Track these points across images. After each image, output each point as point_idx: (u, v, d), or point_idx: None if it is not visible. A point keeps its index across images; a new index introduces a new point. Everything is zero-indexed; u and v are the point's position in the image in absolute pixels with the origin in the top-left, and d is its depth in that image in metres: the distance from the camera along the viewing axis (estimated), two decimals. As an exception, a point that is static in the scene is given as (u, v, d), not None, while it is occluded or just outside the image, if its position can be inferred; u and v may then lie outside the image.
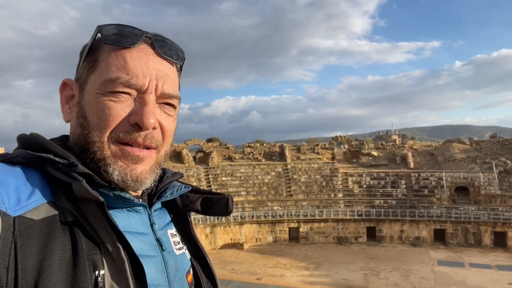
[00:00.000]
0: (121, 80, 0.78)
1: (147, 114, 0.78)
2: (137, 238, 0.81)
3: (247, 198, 36.99)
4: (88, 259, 0.69)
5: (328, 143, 44.79)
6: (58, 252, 0.66)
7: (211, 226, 32.68)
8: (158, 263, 0.84)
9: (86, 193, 0.70)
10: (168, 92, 0.83)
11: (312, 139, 66.36)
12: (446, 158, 39.91)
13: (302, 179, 39.03)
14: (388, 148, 44.06)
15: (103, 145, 0.78)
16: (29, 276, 0.62)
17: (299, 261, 28.66)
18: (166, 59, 0.85)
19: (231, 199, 1.03)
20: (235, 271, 26.36)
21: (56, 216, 0.69)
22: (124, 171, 0.79)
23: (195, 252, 1.02)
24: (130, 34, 0.81)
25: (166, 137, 0.86)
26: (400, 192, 37.24)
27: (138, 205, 0.84)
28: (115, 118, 0.78)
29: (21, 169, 0.72)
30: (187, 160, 38.52)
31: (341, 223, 34.73)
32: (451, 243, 32.66)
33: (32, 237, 0.64)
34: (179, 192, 0.97)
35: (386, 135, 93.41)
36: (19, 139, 0.81)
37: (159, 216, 0.94)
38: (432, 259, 28.66)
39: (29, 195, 0.68)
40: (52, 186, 0.73)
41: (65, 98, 0.86)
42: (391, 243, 33.56)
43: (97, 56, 0.81)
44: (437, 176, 37.39)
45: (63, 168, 0.73)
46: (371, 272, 25.82)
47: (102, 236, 0.73)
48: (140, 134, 0.79)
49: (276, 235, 34.59)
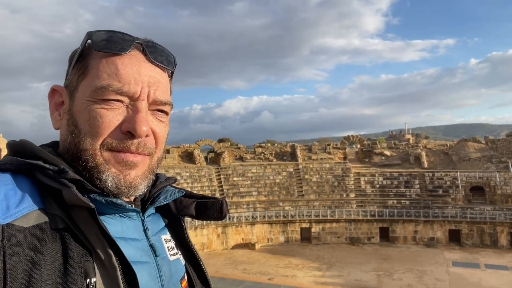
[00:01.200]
0: (113, 87, 0.77)
1: (139, 122, 0.78)
2: (130, 244, 0.80)
3: (259, 198, 36.99)
4: (80, 266, 0.68)
5: (340, 143, 44.45)
6: (48, 259, 0.64)
7: (223, 226, 32.80)
8: (152, 269, 0.83)
9: (76, 199, 0.70)
10: (160, 99, 0.83)
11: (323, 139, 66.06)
12: (461, 158, 39.24)
13: (314, 179, 38.85)
14: (401, 148, 43.51)
15: (95, 153, 0.77)
16: (18, 285, 0.61)
17: (311, 262, 28.53)
18: (158, 65, 0.85)
19: (225, 203, 1.02)
20: (247, 271, 26.39)
21: (46, 223, 0.69)
22: (117, 177, 0.78)
23: (190, 258, 1.01)
24: (121, 40, 0.80)
25: (159, 143, 0.85)
26: (414, 192, 36.76)
27: (131, 210, 0.83)
28: (107, 126, 0.77)
29: (10, 176, 0.71)
30: (199, 160, 38.72)
31: (353, 224, 34.46)
32: (467, 244, 32.10)
33: (21, 245, 0.63)
34: (173, 197, 0.96)
35: (399, 134, 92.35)
36: (9, 145, 0.80)
37: (153, 222, 0.93)
38: (447, 260, 28.22)
39: (18, 202, 0.67)
40: (42, 193, 0.72)
41: (54, 104, 0.86)
42: (404, 244, 33.14)
43: (88, 62, 0.80)
44: (452, 176, 36.78)
45: (53, 175, 0.72)
46: (384, 273, 25.54)
47: (93, 243, 0.72)
48: (133, 142, 0.79)
49: (288, 235, 34.51)
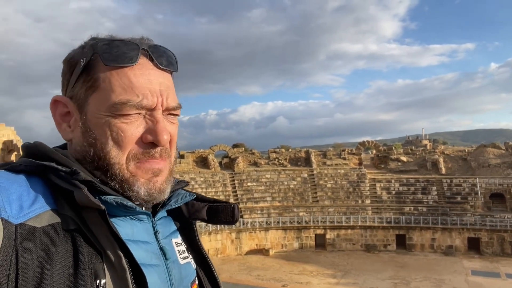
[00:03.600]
0: (133, 103, 0.78)
1: (162, 132, 0.81)
2: (140, 246, 0.81)
3: (273, 204, 36.87)
4: (90, 267, 0.69)
5: (355, 149, 44.00)
6: (59, 260, 0.65)
7: (237, 231, 32.78)
8: (162, 272, 0.83)
9: (87, 201, 0.70)
10: (173, 106, 0.85)
11: (338, 144, 65.61)
12: (480, 164, 38.33)
13: (328, 185, 38.52)
14: (418, 153, 42.79)
15: (122, 167, 0.79)
16: (30, 285, 0.61)
17: (326, 269, 28.22)
18: (165, 70, 0.86)
19: (237, 208, 1.02)
20: (261, 277, 26.26)
21: (58, 224, 0.69)
22: (148, 186, 0.81)
23: (201, 262, 1.01)
24: (128, 50, 0.80)
25: (173, 144, 0.88)
26: (431, 199, 36.03)
27: (141, 213, 0.84)
28: (130, 140, 0.79)
29: (24, 177, 0.73)
30: (213, 165, 38.89)
31: (369, 230, 33.96)
32: (486, 253, 31.22)
33: (33, 245, 0.64)
34: (184, 200, 0.96)
35: (416, 140, 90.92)
36: (23, 147, 0.82)
37: (164, 225, 0.94)
38: (466, 269, 27.51)
39: (31, 202, 0.68)
40: (55, 194, 0.74)
41: (60, 116, 0.86)
42: (422, 252, 32.47)
43: (96, 75, 0.80)
44: (471, 183, 35.95)
45: (65, 176, 0.73)
46: (401, 281, 25.06)
47: (103, 245, 0.72)
48: (156, 151, 0.82)
49: (302, 242, 34.24)
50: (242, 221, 33.57)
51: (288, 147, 51.98)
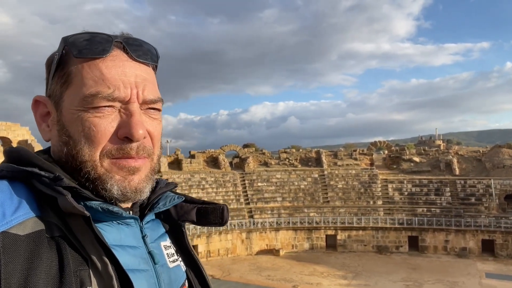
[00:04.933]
0: (103, 94, 0.75)
1: (135, 126, 0.77)
2: (128, 252, 0.79)
3: (283, 204, 36.79)
4: (75, 275, 0.67)
5: (367, 149, 43.61)
6: (44, 268, 0.63)
7: (247, 231, 32.82)
8: (150, 277, 0.81)
9: (71, 207, 0.69)
10: (150, 98, 0.81)
11: (349, 144, 65.10)
12: (495, 165, 37.60)
13: (339, 185, 38.27)
14: (431, 154, 42.18)
15: (95, 164, 0.76)
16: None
17: (337, 270, 28.02)
18: (142, 62, 0.82)
19: (227, 209, 1.00)
20: (271, 277, 26.22)
21: (42, 231, 0.68)
22: (122, 184, 0.78)
23: (191, 263, 0.99)
24: (100, 41, 0.78)
25: (156, 142, 0.84)
26: (445, 200, 35.47)
27: (128, 217, 0.82)
28: (103, 135, 0.76)
29: (7, 183, 0.71)
30: (224, 165, 39.00)
31: (380, 232, 33.61)
32: (501, 255, 30.60)
33: (17, 253, 0.62)
34: (172, 203, 0.94)
35: (429, 140, 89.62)
36: (5, 153, 0.80)
37: (152, 228, 0.92)
38: (480, 272, 27.00)
39: (14, 209, 0.67)
40: (39, 200, 0.72)
41: (40, 116, 0.84)
42: (435, 254, 32.00)
43: (69, 70, 0.78)
44: (485, 184, 35.28)
45: (48, 182, 0.71)
46: (413, 284, 24.73)
47: (89, 251, 0.71)
48: (132, 147, 0.78)
49: (313, 242, 34.07)
50: (253, 221, 33.61)
51: (298, 147, 51.85)
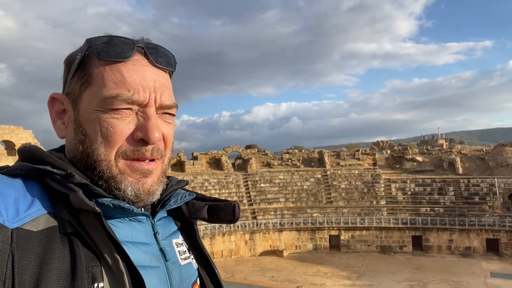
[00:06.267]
0: (123, 97, 0.78)
1: (152, 129, 0.79)
2: (139, 248, 0.80)
3: (286, 204, 36.75)
4: (87, 271, 0.68)
5: (369, 149, 43.52)
6: (56, 264, 0.65)
7: (251, 232, 32.79)
8: (161, 274, 0.82)
9: (82, 203, 0.70)
10: (167, 104, 0.84)
11: (351, 144, 65.01)
12: (498, 163, 37.44)
13: (342, 186, 38.20)
14: (434, 153, 42.05)
15: (110, 164, 0.78)
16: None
17: (341, 270, 27.97)
18: (161, 68, 0.85)
19: (238, 206, 1.01)
20: (275, 278, 26.19)
21: (55, 227, 0.69)
22: (136, 186, 0.79)
23: (203, 261, 1.00)
24: (123, 46, 0.80)
25: (168, 144, 0.86)
26: (448, 200, 35.34)
27: (139, 214, 0.83)
28: (120, 136, 0.78)
29: (21, 181, 0.73)
30: (226, 167, 38.99)
31: (384, 231, 33.52)
32: (506, 254, 30.44)
33: (30, 249, 0.63)
34: (183, 200, 0.96)
35: (432, 139, 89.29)
36: (19, 151, 0.82)
37: (163, 225, 0.93)
38: (485, 271, 26.87)
39: (28, 206, 0.68)
40: (51, 197, 0.73)
41: (55, 113, 0.86)
42: (439, 253, 31.86)
43: (90, 70, 0.80)
44: (489, 182, 35.14)
45: (60, 179, 0.73)
46: (417, 283, 24.64)
47: (101, 248, 0.72)
48: (147, 149, 0.80)
49: (316, 243, 34.02)
50: (256, 222, 33.59)
51: (301, 147, 51.79)
